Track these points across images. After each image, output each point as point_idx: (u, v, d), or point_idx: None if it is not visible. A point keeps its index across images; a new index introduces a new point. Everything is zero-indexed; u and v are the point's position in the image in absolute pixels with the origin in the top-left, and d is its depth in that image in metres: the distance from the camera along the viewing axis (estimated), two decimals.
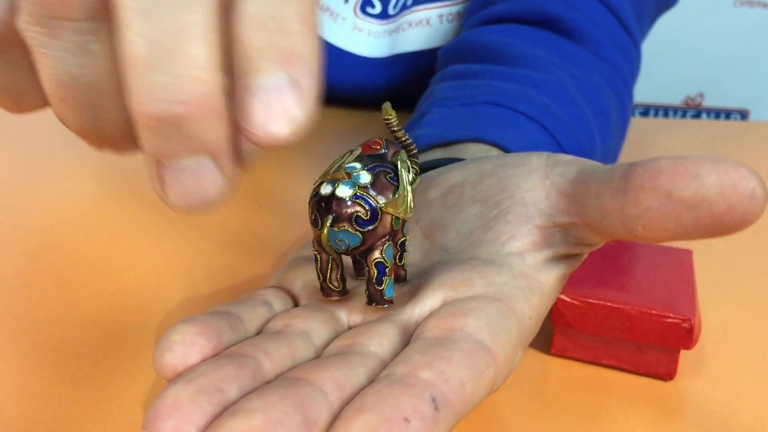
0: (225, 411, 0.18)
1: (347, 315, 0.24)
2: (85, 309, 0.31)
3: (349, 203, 0.22)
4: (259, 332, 0.23)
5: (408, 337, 0.22)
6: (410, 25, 0.59)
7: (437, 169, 0.29)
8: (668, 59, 1.15)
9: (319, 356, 0.22)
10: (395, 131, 0.24)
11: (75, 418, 0.24)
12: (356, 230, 0.22)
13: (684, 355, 0.29)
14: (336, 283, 0.24)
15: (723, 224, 0.20)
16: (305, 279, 0.25)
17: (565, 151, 0.37)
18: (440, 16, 0.58)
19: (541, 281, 0.24)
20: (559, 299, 0.28)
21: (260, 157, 0.51)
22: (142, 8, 0.15)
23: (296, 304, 0.25)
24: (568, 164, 0.25)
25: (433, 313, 0.22)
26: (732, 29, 1.18)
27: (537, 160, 0.26)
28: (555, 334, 0.29)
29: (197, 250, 0.37)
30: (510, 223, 0.25)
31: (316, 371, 0.19)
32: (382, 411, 0.17)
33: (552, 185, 0.24)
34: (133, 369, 0.27)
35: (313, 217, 0.22)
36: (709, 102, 1.22)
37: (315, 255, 0.23)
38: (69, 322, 0.30)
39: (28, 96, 0.19)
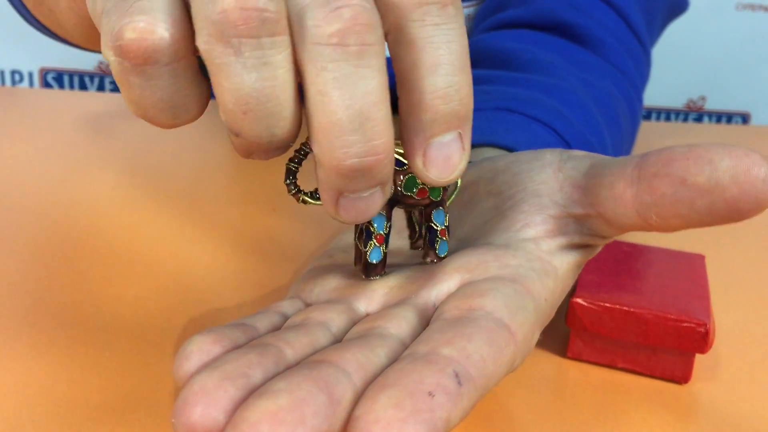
0: (251, 394, 0.18)
1: (366, 305, 0.24)
2: (106, 312, 0.31)
3: None
4: None
5: (426, 320, 0.23)
6: None
7: None
8: (670, 62, 1.15)
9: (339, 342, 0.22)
10: None
11: (101, 419, 0.25)
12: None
13: (699, 358, 0.30)
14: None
15: (736, 209, 0.21)
16: (322, 286, 0.26)
17: None
18: None
19: (555, 265, 0.24)
20: (575, 303, 0.28)
21: (270, 161, 0.51)
22: (333, 80, 0.18)
23: None
24: (581, 158, 0.25)
25: (451, 295, 0.23)
26: (734, 33, 1.18)
27: (550, 155, 0.26)
28: (571, 337, 0.29)
29: (213, 254, 0.37)
30: (524, 212, 0.25)
31: (338, 354, 0.20)
32: (406, 386, 0.18)
33: (565, 178, 0.25)
34: (156, 372, 0.27)
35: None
36: (710, 105, 1.23)
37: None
38: (92, 325, 0.30)
39: (185, 109, 0.21)
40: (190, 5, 0.19)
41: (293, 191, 0.24)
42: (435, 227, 0.25)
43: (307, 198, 0.24)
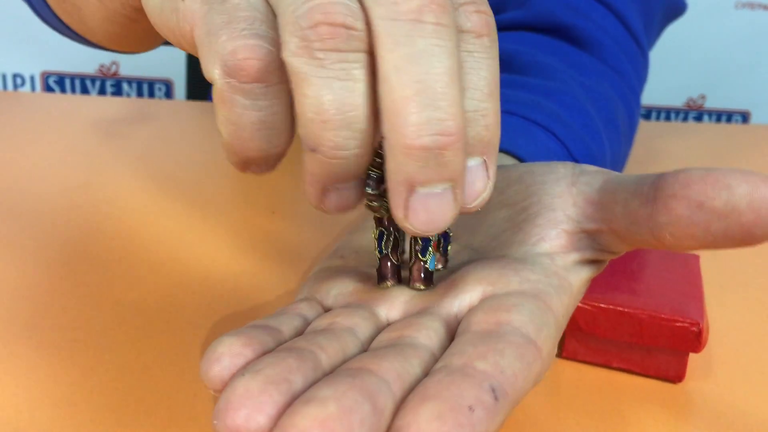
0: (295, 400, 0.18)
1: (386, 311, 0.24)
2: (106, 316, 0.31)
3: None
4: None
5: (451, 330, 0.23)
6: None
7: None
8: (670, 61, 1.16)
9: (366, 350, 0.22)
10: None
11: (101, 421, 0.25)
12: None
13: (693, 357, 0.30)
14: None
15: (751, 234, 0.21)
16: (339, 289, 0.26)
17: (576, 159, 0.37)
18: None
19: (570, 281, 0.24)
20: None
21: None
22: (407, 56, 0.19)
23: None
24: (594, 174, 0.25)
25: (476, 307, 0.23)
26: (733, 31, 1.19)
27: (563, 169, 0.26)
28: (566, 337, 0.29)
29: (213, 257, 0.37)
30: (539, 226, 0.25)
31: (376, 362, 0.20)
32: (446, 400, 0.18)
33: (579, 193, 0.25)
34: (156, 375, 0.28)
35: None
36: (710, 104, 1.23)
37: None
38: (93, 329, 0.30)
39: (278, 133, 0.21)
40: (278, 19, 0.20)
41: (376, 204, 0.23)
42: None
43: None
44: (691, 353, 0.28)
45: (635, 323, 0.28)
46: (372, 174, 0.22)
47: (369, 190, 0.22)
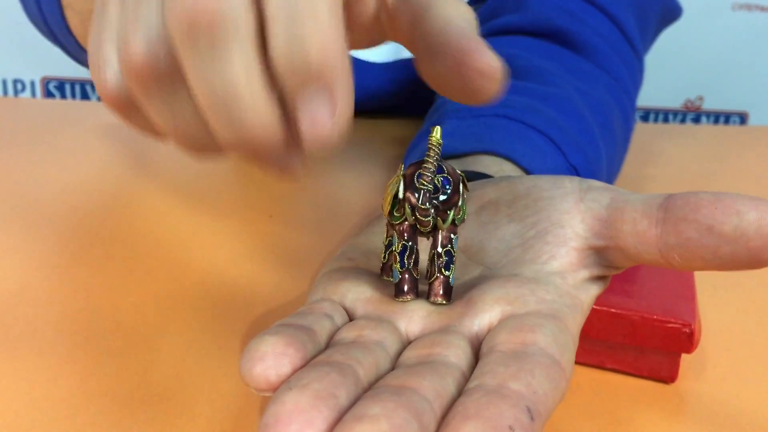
0: (344, 416, 0.18)
1: (406, 325, 0.25)
2: (105, 320, 0.32)
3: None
4: (326, 345, 0.23)
5: (475, 350, 0.23)
6: None
7: (468, 184, 0.30)
8: (667, 63, 1.16)
9: (394, 366, 0.22)
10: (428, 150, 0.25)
11: (100, 424, 0.25)
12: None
13: (685, 358, 0.30)
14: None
15: (758, 259, 0.22)
16: (355, 294, 0.26)
17: (572, 164, 0.38)
18: None
19: (581, 299, 0.25)
20: None
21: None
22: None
23: (350, 317, 0.26)
24: (601, 190, 0.26)
25: (499, 327, 0.23)
26: (730, 32, 1.19)
27: (570, 184, 0.27)
28: None
29: (211, 261, 0.38)
30: (549, 244, 0.25)
31: (417, 380, 0.20)
32: (487, 420, 0.18)
33: (587, 209, 0.25)
34: (155, 378, 0.28)
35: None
36: (708, 105, 1.23)
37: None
38: (92, 332, 0.31)
39: (187, 125, 0.20)
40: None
41: (425, 219, 0.24)
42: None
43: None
44: (683, 354, 0.29)
45: (628, 324, 0.28)
46: (423, 188, 0.23)
47: (420, 204, 0.23)
